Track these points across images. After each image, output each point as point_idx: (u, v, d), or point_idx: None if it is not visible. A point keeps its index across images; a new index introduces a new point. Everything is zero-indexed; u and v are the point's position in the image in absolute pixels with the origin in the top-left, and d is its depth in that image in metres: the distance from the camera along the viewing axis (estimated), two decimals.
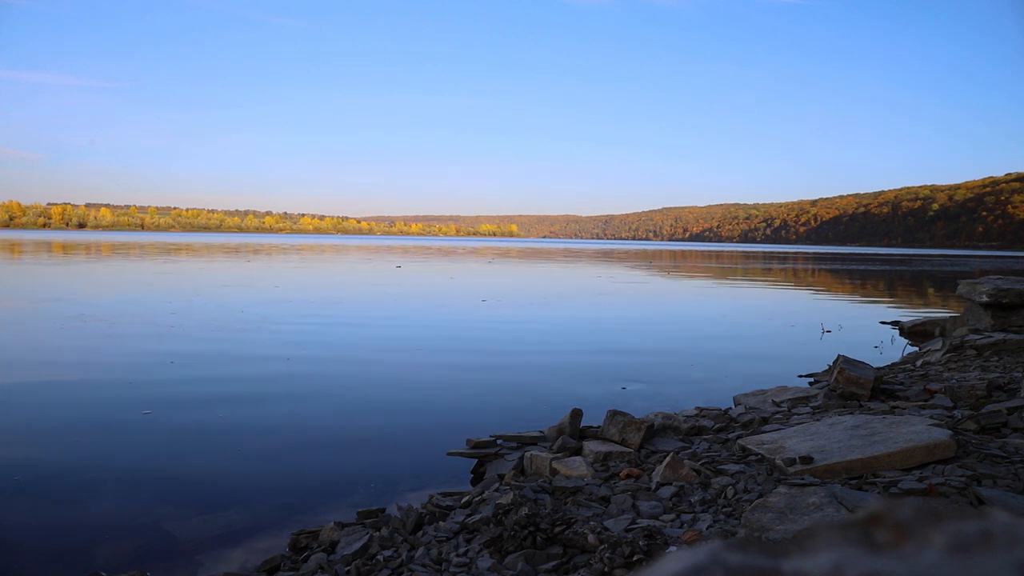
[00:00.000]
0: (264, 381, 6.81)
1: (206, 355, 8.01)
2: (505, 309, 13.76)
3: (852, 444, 3.50)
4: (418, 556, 2.84)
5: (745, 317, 13.52)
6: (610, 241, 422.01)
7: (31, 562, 3.22)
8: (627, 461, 3.85)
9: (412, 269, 29.02)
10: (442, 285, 20.40)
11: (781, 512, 2.67)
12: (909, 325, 10.69)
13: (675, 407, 5.34)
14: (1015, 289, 8.18)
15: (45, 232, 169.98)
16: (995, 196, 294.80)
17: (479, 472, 4.38)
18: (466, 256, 48.27)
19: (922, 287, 25.86)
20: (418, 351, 8.64)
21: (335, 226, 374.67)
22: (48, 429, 5.11)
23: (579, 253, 66.74)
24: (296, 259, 36.75)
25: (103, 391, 6.23)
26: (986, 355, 6.79)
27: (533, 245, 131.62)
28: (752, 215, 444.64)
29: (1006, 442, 3.52)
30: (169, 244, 62.17)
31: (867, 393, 4.88)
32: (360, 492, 4.07)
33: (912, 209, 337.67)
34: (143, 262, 29.83)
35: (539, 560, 2.64)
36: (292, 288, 17.85)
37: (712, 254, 75.17)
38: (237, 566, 3.21)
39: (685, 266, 40.38)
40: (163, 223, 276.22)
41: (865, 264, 49.50)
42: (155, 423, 5.28)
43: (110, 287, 17.17)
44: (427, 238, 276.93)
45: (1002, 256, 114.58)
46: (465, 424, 5.26)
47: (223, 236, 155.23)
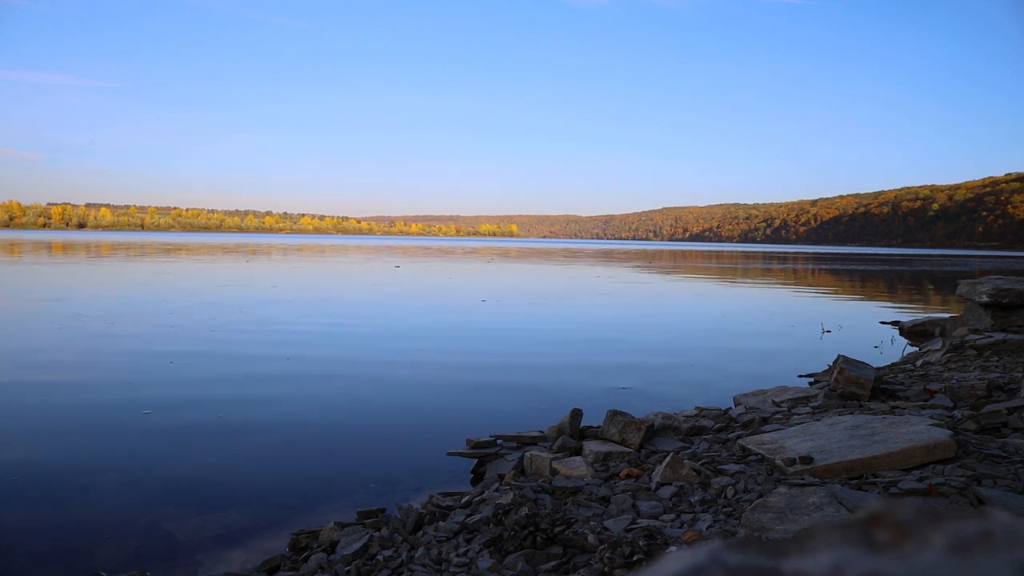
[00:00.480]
0: (264, 381, 6.81)
1: (205, 355, 8.01)
2: (504, 309, 13.76)
3: (852, 444, 3.50)
4: (418, 556, 2.84)
5: (745, 317, 13.52)
6: (610, 241, 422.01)
7: (31, 562, 3.22)
8: (627, 461, 3.85)
9: (411, 269, 29.03)
10: (441, 285, 20.41)
11: (781, 512, 2.67)
12: (909, 325, 10.69)
13: (675, 407, 5.34)
14: (1015, 289, 8.18)
15: (45, 232, 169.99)
16: (995, 196, 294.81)
17: (479, 472, 4.38)
18: (465, 256, 48.27)
19: (922, 287, 25.86)
20: (418, 351, 8.64)
21: (335, 226, 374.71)
22: (47, 429, 5.11)
23: (579, 253, 66.75)
24: (295, 259, 36.76)
25: (102, 391, 6.23)
26: (986, 355, 6.79)
27: (533, 245, 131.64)
28: (752, 215, 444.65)
29: (1006, 442, 3.52)
30: (169, 244, 62.18)
31: (867, 393, 4.88)
32: (360, 492, 4.07)
33: (912, 209, 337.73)
34: (142, 262, 29.84)
35: (539, 560, 2.64)
36: (291, 288, 17.85)
37: (712, 254, 75.17)
38: (237, 566, 3.21)
39: (685, 266, 40.38)
40: (163, 223, 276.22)
41: (865, 264, 49.50)
42: (154, 423, 5.28)
43: (108, 287, 17.17)
44: (427, 238, 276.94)
45: (1002, 256, 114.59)
46: (465, 424, 5.26)
47: (223, 236, 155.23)
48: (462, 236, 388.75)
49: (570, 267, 34.63)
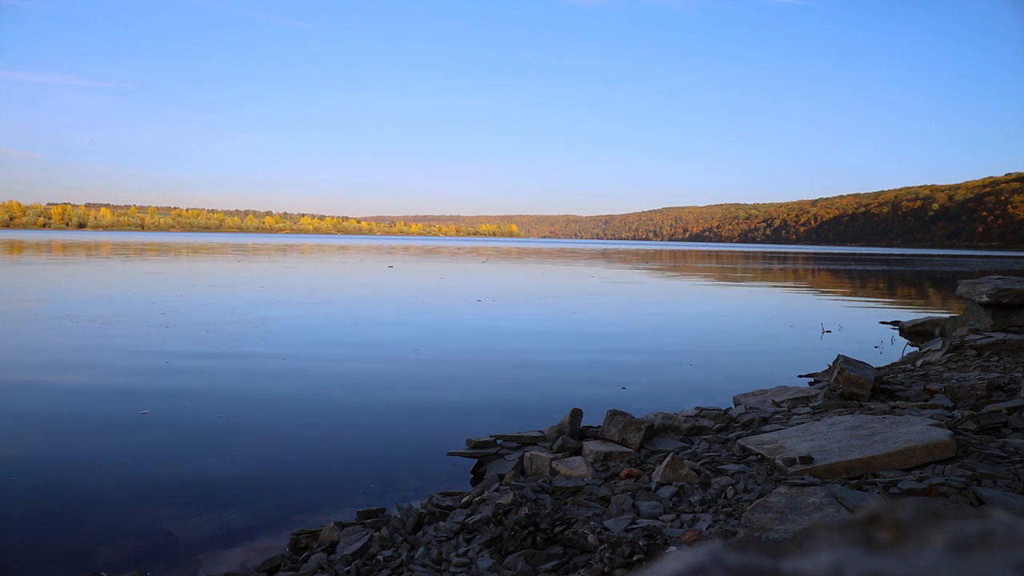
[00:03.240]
0: (261, 381, 6.80)
1: (201, 355, 8.01)
2: (501, 309, 13.75)
3: (852, 444, 3.50)
4: (418, 556, 2.84)
5: (745, 317, 13.52)
6: (610, 241, 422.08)
7: (31, 562, 3.22)
8: (627, 461, 3.85)
9: (404, 269, 29.02)
10: (434, 285, 20.39)
11: (781, 512, 2.67)
12: (909, 325, 10.69)
13: (675, 407, 5.34)
14: (1015, 289, 8.18)
15: (45, 232, 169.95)
16: (995, 196, 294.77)
17: (479, 472, 4.38)
18: (465, 256, 48.26)
19: (922, 287, 25.86)
20: (416, 351, 8.64)
21: (335, 226, 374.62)
22: (46, 429, 5.11)
23: (578, 253, 66.74)
24: (294, 259, 36.75)
25: (99, 391, 6.23)
26: (986, 355, 6.79)
27: (532, 245, 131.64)
28: (752, 215, 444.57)
29: (1006, 442, 3.52)
30: (169, 244, 62.17)
31: (867, 393, 4.88)
32: (360, 492, 4.07)
33: (912, 209, 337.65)
34: (140, 263, 29.83)
35: (539, 560, 2.64)
36: (286, 288, 17.84)
37: (712, 254, 75.17)
38: (237, 566, 3.21)
39: (685, 266, 40.38)
40: (163, 223, 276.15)
41: (865, 264, 49.50)
42: (153, 423, 5.28)
43: (105, 288, 17.16)
44: (427, 238, 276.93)
45: (1002, 256, 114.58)
46: (465, 424, 5.26)
47: (223, 236, 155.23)
48: (462, 236, 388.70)
49: (569, 267, 34.63)
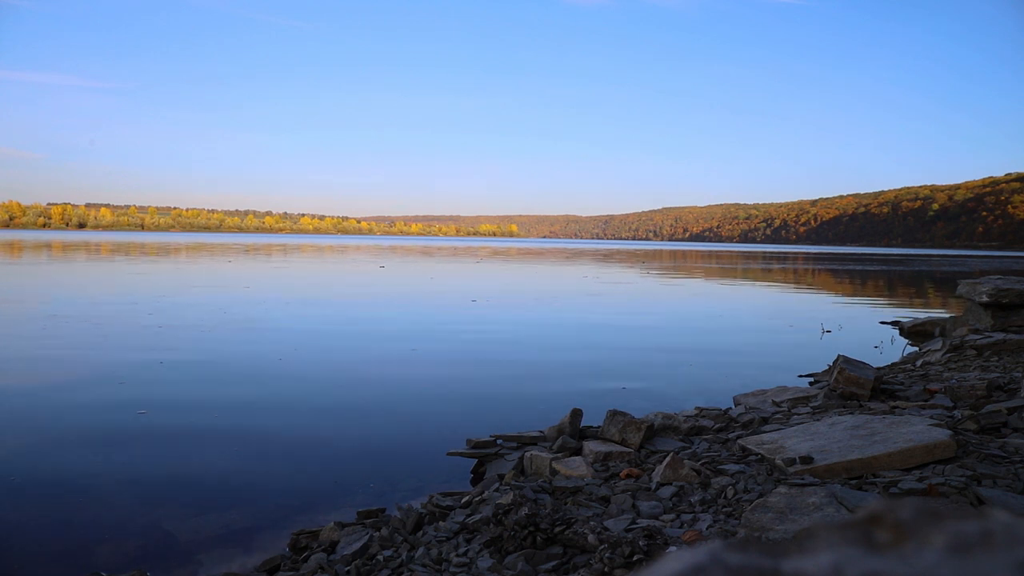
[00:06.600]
0: (259, 381, 6.80)
1: (197, 355, 8.01)
2: (497, 309, 13.74)
3: (852, 444, 3.50)
4: (418, 556, 2.84)
5: (745, 317, 13.53)
6: (610, 241, 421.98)
7: (31, 562, 3.22)
8: (627, 461, 3.85)
9: (396, 269, 29.01)
10: (428, 286, 20.39)
11: (781, 512, 2.67)
12: (909, 325, 10.69)
13: (675, 407, 5.34)
14: (1015, 289, 8.18)
15: (45, 232, 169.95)
16: (995, 196, 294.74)
17: (479, 472, 4.38)
18: (464, 256, 48.25)
19: (922, 287, 25.86)
20: (415, 351, 8.63)
21: (335, 226, 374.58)
22: (45, 429, 5.11)
23: (578, 253, 66.74)
24: (291, 258, 36.75)
25: (96, 392, 6.21)
26: (986, 355, 6.79)
27: (532, 245, 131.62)
28: (752, 215, 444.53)
29: (1006, 442, 3.52)
30: (168, 244, 62.15)
31: (867, 393, 4.88)
32: (360, 492, 4.07)
33: (912, 209, 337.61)
34: (138, 263, 29.83)
35: (539, 560, 2.64)
36: (281, 289, 17.84)
37: (712, 254, 75.17)
38: (237, 566, 3.21)
39: (684, 266, 40.38)
40: (163, 223, 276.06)
41: (865, 264, 49.50)
42: (151, 423, 5.28)
43: (103, 287, 17.16)
44: (427, 238, 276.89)
45: (1002, 256, 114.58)
46: (465, 424, 5.26)
47: (223, 236, 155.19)
48: (462, 236, 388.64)
49: (567, 267, 34.63)
